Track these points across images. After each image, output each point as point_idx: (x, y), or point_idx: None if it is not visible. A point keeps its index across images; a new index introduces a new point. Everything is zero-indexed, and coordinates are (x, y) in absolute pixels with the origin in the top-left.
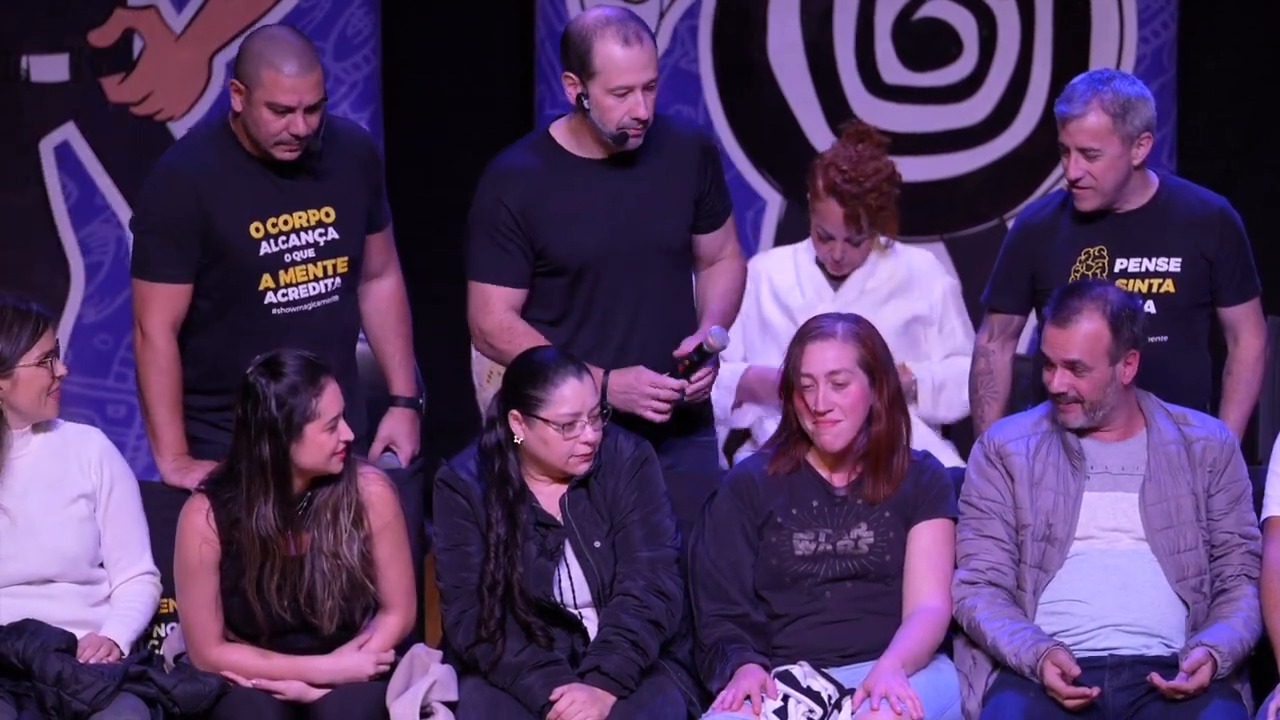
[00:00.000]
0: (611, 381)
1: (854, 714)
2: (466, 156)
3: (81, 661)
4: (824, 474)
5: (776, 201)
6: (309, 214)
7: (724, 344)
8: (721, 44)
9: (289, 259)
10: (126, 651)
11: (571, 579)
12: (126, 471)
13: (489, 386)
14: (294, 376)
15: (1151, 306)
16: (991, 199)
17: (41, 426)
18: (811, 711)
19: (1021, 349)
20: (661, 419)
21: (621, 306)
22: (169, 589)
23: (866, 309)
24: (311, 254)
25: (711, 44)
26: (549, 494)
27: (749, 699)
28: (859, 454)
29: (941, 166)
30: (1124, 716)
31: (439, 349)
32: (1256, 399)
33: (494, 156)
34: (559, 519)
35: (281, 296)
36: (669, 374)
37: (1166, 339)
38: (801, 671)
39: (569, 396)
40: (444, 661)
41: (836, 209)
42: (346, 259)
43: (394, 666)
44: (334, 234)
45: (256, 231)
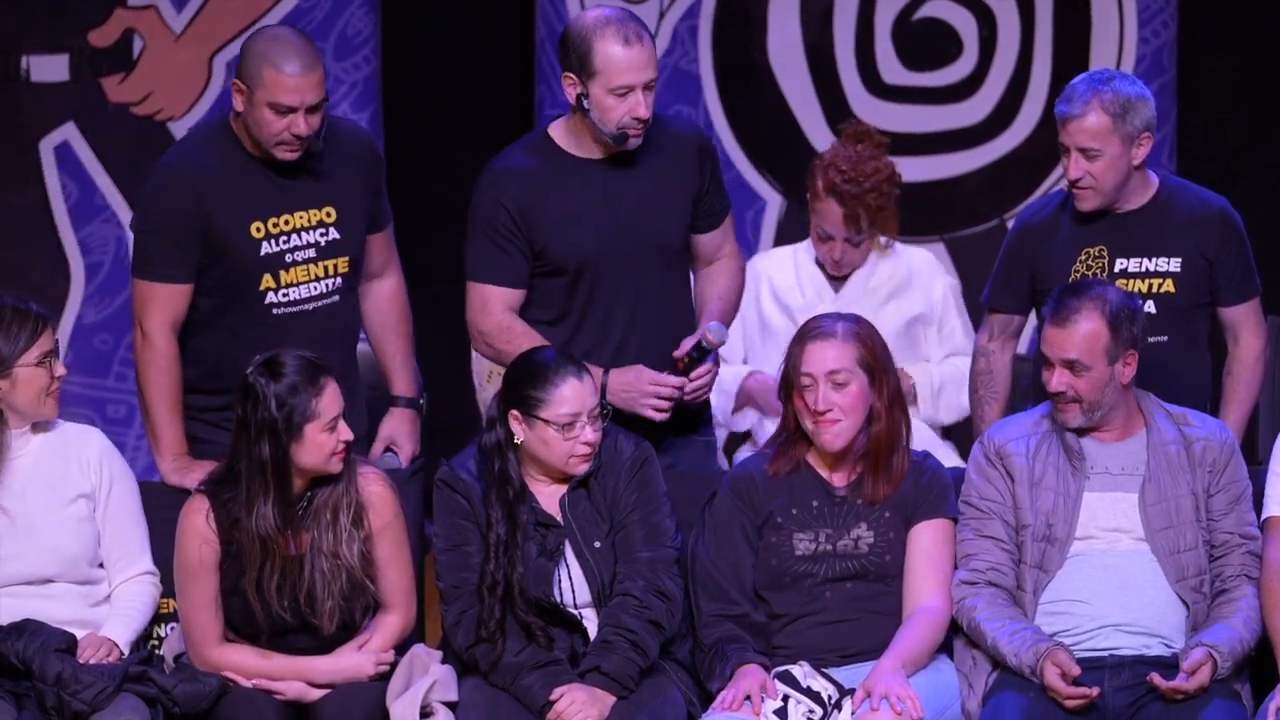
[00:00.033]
0: (611, 381)
1: (854, 714)
2: (466, 156)
3: (81, 662)
4: (824, 474)
5: (776, 202)
6: (310, 214)
7: (723, 339)
8: (721, 44)
9: (290, 259)
10: (126, 651)
11: (571, 579)
12: (126, 471)
13: (489, 386)
14: (294, 376)
15: (1151, 306)
16: (991, 199)
17: (41, 426)
18: (811, 712)
19: (1021, 349)
20: (662, 418)
21: (621, 306)
22: (169, 589)
23: (867, 309)
24: (312, 254)
25: (711, 44)
26: (549, 494)
27: (749, 699)
28: (859, 454)
29: (941, 166)
30: (1124, 716)
31: (439, 349)
32: (1256, 399)
33: (493, 157)
34: (559, 519)
35: (282, 296)
36: (669, 373)
37: (1166, 339)
38: (801, 672)
39: (569, 397)
40: (444, 661)
41: (836, 209)
42: (347, 259)
43: (394, 666)
44: (335, 234)
45: (257, 231)
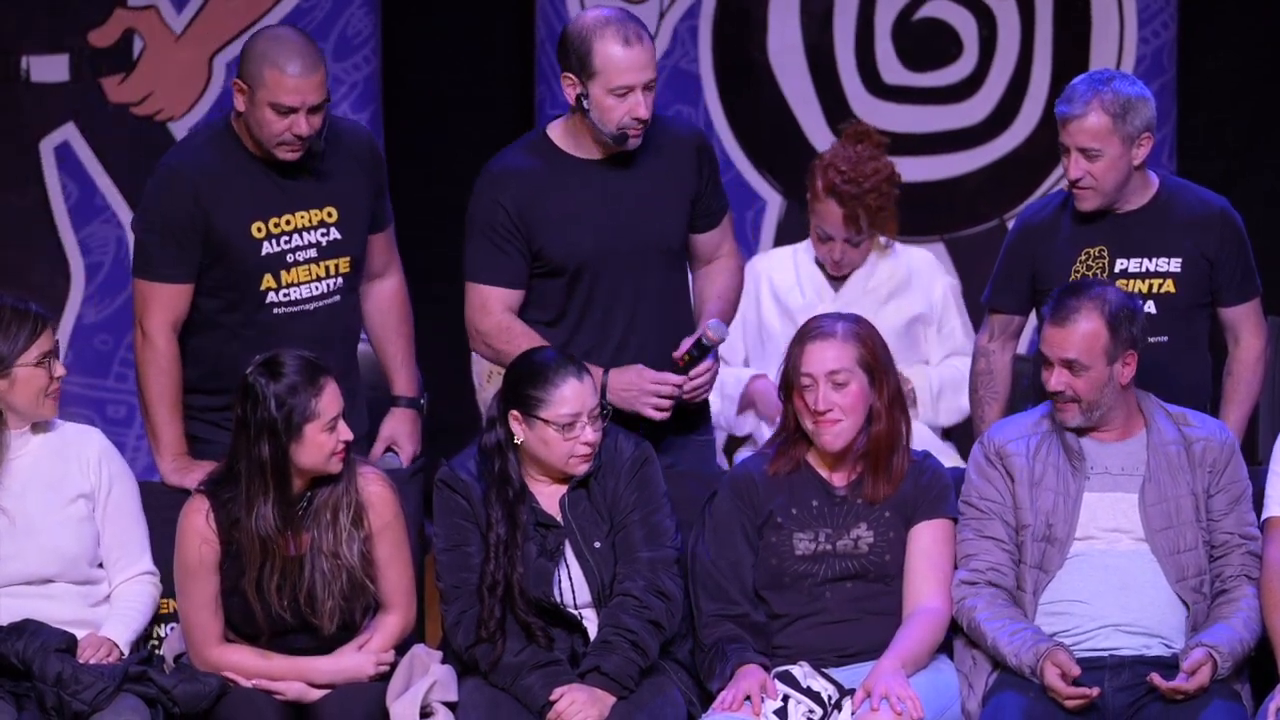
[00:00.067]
0: (611, 380)
1: (854, 714)
2: (466, 156)
3: (81, 662)
4: (824, 474)
5: (776, 202)
6: (311, 214)
7: (723, 336)
8: (721, 44)
9: (291, 259)
10: (126, 652)
11: (571, 579)
12: (126, 471)
13: (489, 387)
14: (293, 376)
15: (1152, 307)
16: (991, 199)
17: (41, 427)
18: (811, 712)
19: (1021, 349)
20: (662, 417)
21: (620, 306)
22: (169, 589)
23: (867, 309)
24: (314, 254)
25: (711, 44)
26: (549, 494)
27: (749, 699)
28: (859, 454)
29: (941, 167)
30: (1124, 717)
31: (439, 349)
32: (1257, 399)
33: (491, 158)
34: (559, 519)
35: (283, 296)
36: (669, 372)
37: (1167, 339)
38: (801, 672)
39: (569, 397)
40: (444, 662)
41: (836, 209)
42: (349, 259)
43: (394, 667)
44: (336, 234)
45: (258, 231)
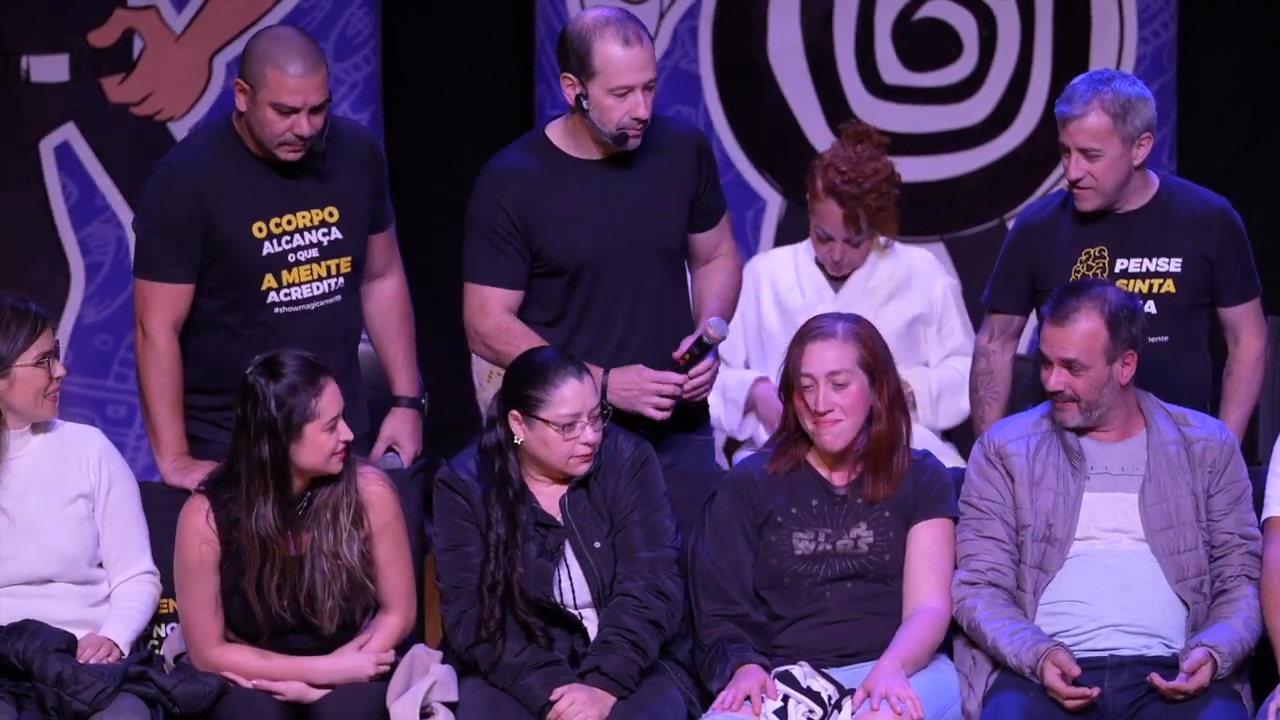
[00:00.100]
0: (612, 380)
1: (854, 714)
2: (466, 157)
3: (81, 662)
4: (824, 473)
5: (776, 202)
6: (312, 214)
7: (724, 335)
8: (721, 44)
9: (293, 259)
10: (126, 652)
11: (571, 579)
12: (125, 471)
13: (489, 387)
14: (293, 376)
15: (1152, 307)
16: (991, 199)
17: (41, 427)
18: (811, 712)
19: (1021, 349)
20: (663, 417)
21: (620, 306)
22: (169, 589)
23: (867, 310)
24: (315, 254)
25: (711, 44)
26: (549, 494)
27: (749, 699)
28: (859, 453)
29: (941, 167)
30: (1124, 717)
31: (439, 349)
32: (1257, 399)
33: (491, 158)
34: (559, 519)
35: (284, 296)
36: (669, 371)
37: (1167, 339)
38: (801, 672)
39: (569, 397)
40: (444, 662)
41: (836, 210)
42: (350, 259)
43: (394, 667)
44: (337, 234)
45: (259, 231)
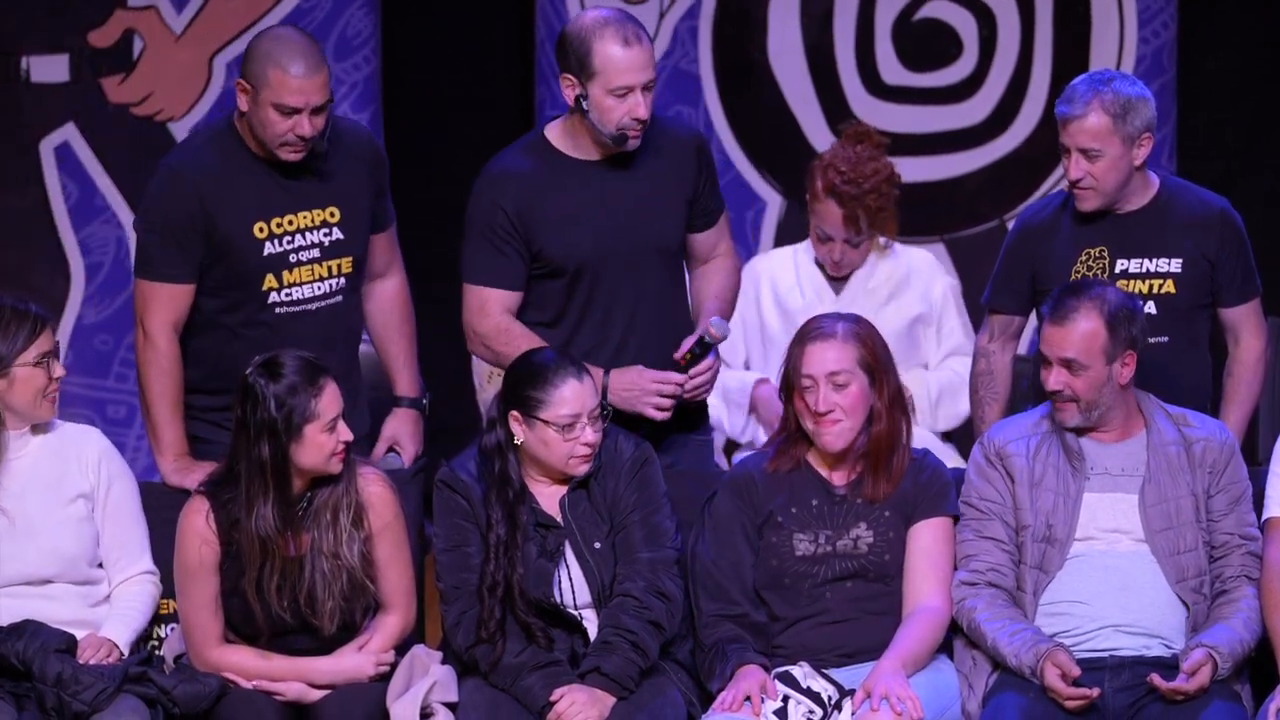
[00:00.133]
0: (612, 381)
1: (854, 714)
2: (466, 157)
3: (81, 662)
4: (824, 473)
5: (776, 202)
6: (314, 214)
7: (725, 334)
8: (721, 45)
9: (294, 259)
10: (126, 652)
11: (571, 580)
12: (125, 471)
13: (489, 387)
14: (293, 377)
15: (1152, 307)
16: (991, 199)
17: (40, 427)
18: (811, 712)
19: (1022, 350)
20: (663, 417)
21: (620, 307)
22: (169, 589)
23: (868, 310)
24: (316, 254)
25: (711, 45)
26: (549, 495)
27: (749, 700)
28: (859, 453)
29: (941, 167)
30: (1124, 717)
31: (439, 349)
32: (1257, 400)
33: (490, 159)
34: (559, 520)
35: (285, 296)
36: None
37: (1167, 340)
38: (801, 672)
39: (569, 398)
40: (444, 662)
41: (835, 210)
42: (351, 259)
43: (394, 667)
44: (339, 234)
45: (260, 232)
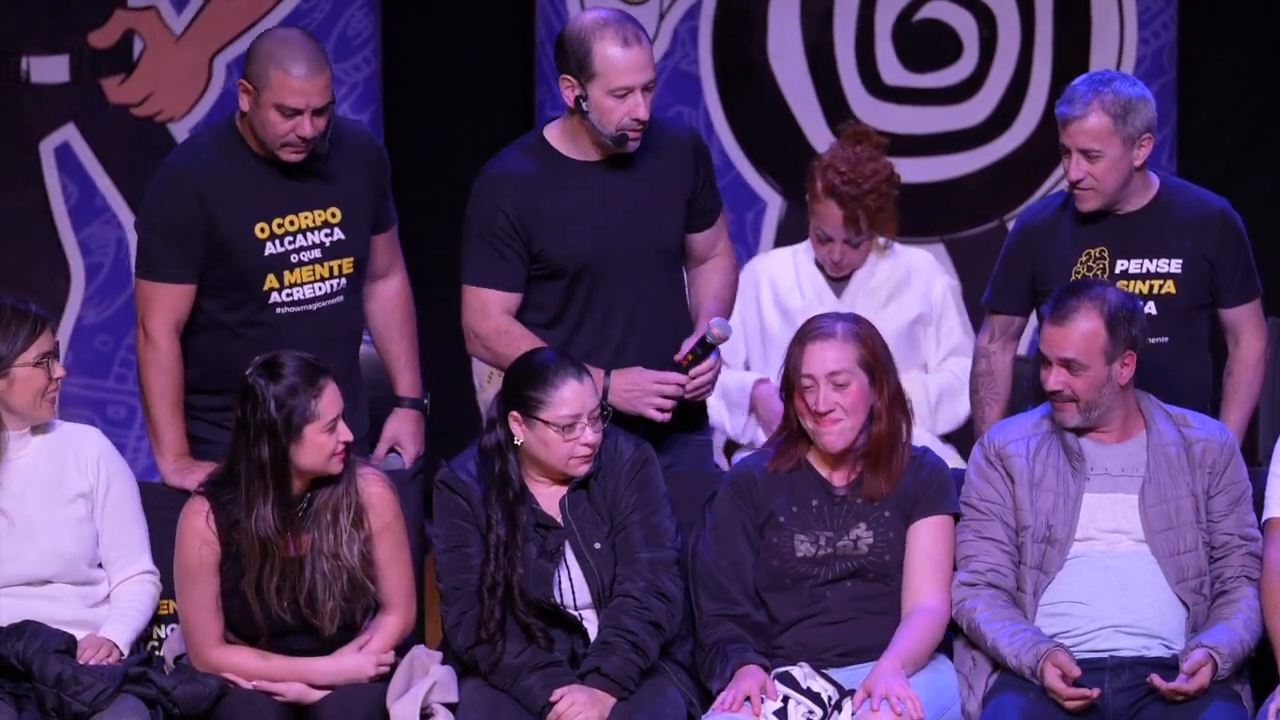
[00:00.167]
0: (613, 381)
1: (854, 715)
2: (466, 157)
3: (81, 663)
4: (824, 473)
5: (777, 203)
6: (315, 214)
7: (727, 334)
8: (722, 45)
9: (295, 259)
10: (126, 652)
11: (571, 580)
12: (125, 470)
13: (489, 388)
14: (293, 378)
15: (1152, 308)
16: (992, 200)
17: (40, 428)
18: (811, 713)
19: (1021, 350)
20: (664, 418)
21: (619, 308)
22: (169, 589)
23: (868, 311)
24: (318, 254)
25: (712, 45)
26: (549, 495)
27: (749, 700)
28: (859, 453)
29: (942, 168)
30: (1124, 718)
31: (439, 350)
32: (1257, 400)
33: (489, 160)
34: (559, 520)
35: (286, 296)
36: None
37: (1167, 340)
38: (801, 673)
39: (569, 398)
40: (444, 663)
41: (835, 210)
42: (352, 259)
43: (394, 668)
44: (340, 234)
45: (261, 232)
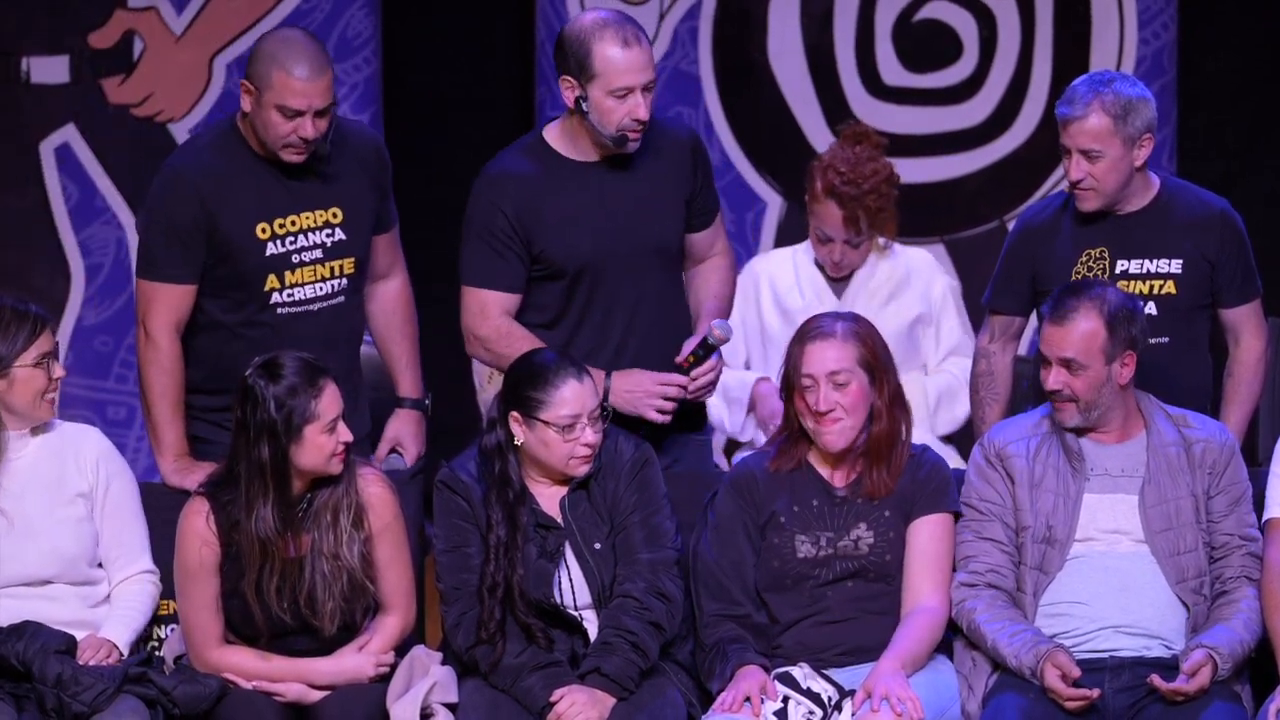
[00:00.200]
0: (614, 383)
1: (854, 715)
2: (467, 158)
3: (81, 663)
4: (824, 473)
5: (777, 203)
6: (316, 214)
7: (728, 335)
8: (722, 45)
9: (296, 259)
10: (126, 653)
11: (571, 581)
12: (124, 470)
13: (489, 388)
14: (293, 378)
15: (1152, 308)
16: (992, 200)
17: (40, 428)
18: (811, 713)
19: (1022, 350)
20: (664, 420)
21: (619, 309)
22: (169, 590)
23: (869, 312)
24: (319, 255)
25: (712, 45)
26: (549, 496)
27: (749, 700)
28: (859, 452)
29: (942, 168)
30: (1124, 718)
31: (439, 350)
32: (1257, 401)
33: (488, 161)
34: (559, 521)
35: (287, 297)
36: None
37: (1167, 340)
38: (801, 673)
39: (569, 398)
40: (444, 663)
41: (835, 211)
42: (353, 260)
43: (394, 668)
44: (341, 235)
45: (263, 232)
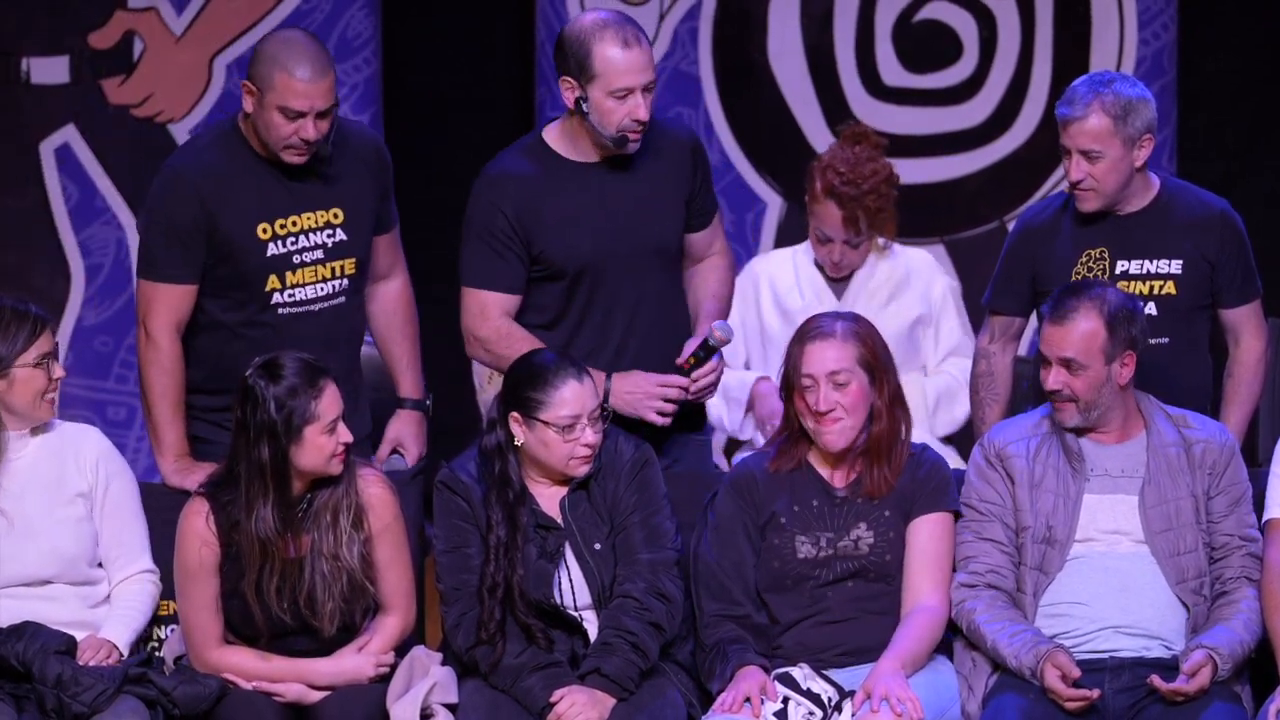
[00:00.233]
0: (615, 385)
1: (854, 716)
2: (467, 158)
3: (81, 663)
4: (824, 473)
5: (777, 204)
6: (317, 215)
7: (729, 336)
8: (722, 46)
9: (297, 260)
10: (126, 653)
11: (571, 581)
12: (124, 469)
13: (490, 388)
14: (293, 379)
15: (1153, 308)
16: (992, 201)
17: (40, 428)
18: (811, 714)
19: (1022, 350)
20: (664, 421)
21: (619, 309)
22: (169, 590)
23: (869, 313)
24: (320, 255)
25: (712, 46)
26: (549, 496)
27: (749, 701)
28: (859, 452)
29: (942, 168)
30: (1124, 718)
31: (439, 350)
32: (1257, 401)
33: (488, 162)
34: (559, 521)
35: (288, 297)
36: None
37: (1167, 341)
38: (801, 674)
39: (569, 399)
40: (444, 663)
41: (835, 211)
42: (354, 260)
43: (394, 668)
44: (342, 235)
45: (264, 233)
